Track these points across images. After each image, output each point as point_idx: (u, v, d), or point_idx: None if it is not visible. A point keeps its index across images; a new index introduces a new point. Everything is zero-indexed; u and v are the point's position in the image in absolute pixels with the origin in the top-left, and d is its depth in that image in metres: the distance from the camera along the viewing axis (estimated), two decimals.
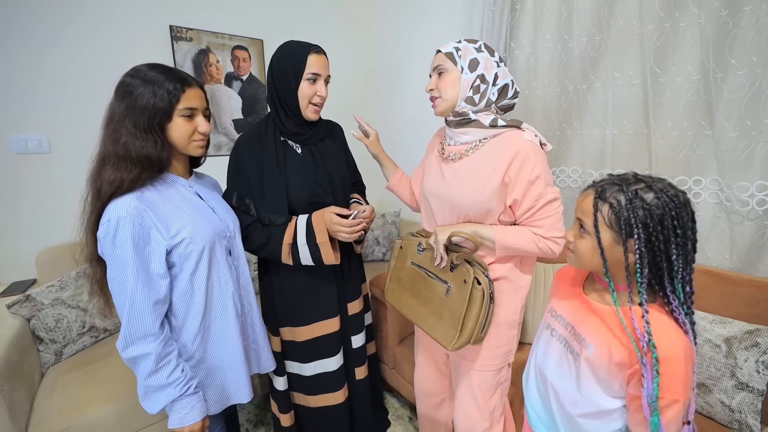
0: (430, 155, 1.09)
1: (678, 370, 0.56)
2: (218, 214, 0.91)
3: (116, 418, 1.18)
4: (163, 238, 0.77)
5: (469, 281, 0.88)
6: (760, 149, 1.11)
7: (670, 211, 0.57)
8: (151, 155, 0.77)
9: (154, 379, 0.76)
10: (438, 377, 1.18)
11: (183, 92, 0.79)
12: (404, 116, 2.34)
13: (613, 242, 0.60)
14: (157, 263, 0.76)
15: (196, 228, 0.81)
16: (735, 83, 1.12)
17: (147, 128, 0.76)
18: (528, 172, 0.85)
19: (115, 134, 0.76)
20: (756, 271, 1.17)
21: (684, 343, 0.57)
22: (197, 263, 0.82)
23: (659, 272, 0.59)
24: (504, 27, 1.62)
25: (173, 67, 0.83)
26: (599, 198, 0.61)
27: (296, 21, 2.12)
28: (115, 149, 0.76)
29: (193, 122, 0.82)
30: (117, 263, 0.73)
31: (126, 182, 0.74)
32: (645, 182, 0.59)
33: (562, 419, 0.71)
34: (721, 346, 1.03)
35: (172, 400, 0.78)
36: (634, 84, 1.34)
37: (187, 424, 0.80)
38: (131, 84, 0.77)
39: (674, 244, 0.57)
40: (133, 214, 0.73)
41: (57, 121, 1.55)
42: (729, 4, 1.08)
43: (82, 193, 0.80)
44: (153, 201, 0.78)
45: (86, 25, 1.55)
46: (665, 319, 0.59)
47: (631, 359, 0.59)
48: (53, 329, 1.33)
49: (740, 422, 1.00)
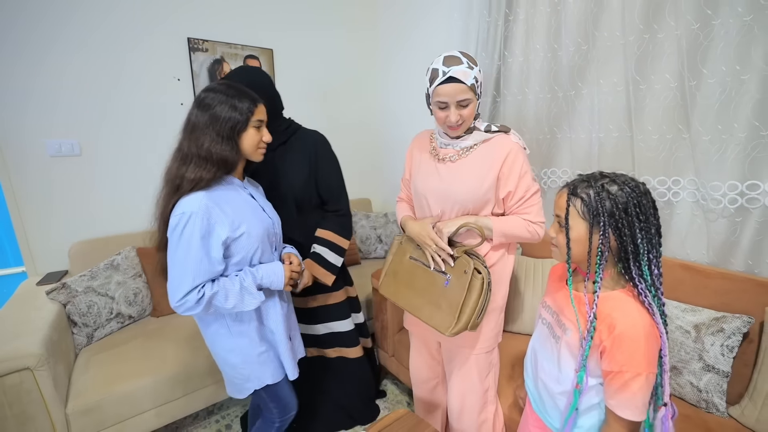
0: (418, 158, 1.15)
1: (638, 347, 0.63)
2: (266, 212, 1.05)
3: (144, 392, 1.32)
4: (225, 231, 0.90)
5: (469, 272, 0.98)
6: (730, 151, 1.20)
7: (632, 200, 0.65)
8: (228, 158, 0.92)
9: (230, 298, 0.91)
10: (431, 364, 1.30)
11: (256, 107, 0.95)
12: (404, 120, 2.46)
13: (587, 232, 0.69)
14: (216, 251, 0.90)
15: (251, 224, 0.96)
16: (707, 91, 1.20)
17: (227, 136, 0.91)
18: (519, 168, 1.00)
19: (199, 140, 0.90)
20: (729, 264, 1.26)
21: (646, 322, 0.64)
22: (253, 252, 0.98)
23: (626, 256, 0.66)
24: (498, 37, 1.73)
25: (243, 87, 0.98)
26: (572, 194, 0.70)
27: (304, 32, 2.26)
28: (198, 152, 0.89)
29: (260, 132, 0.98)
30: (184, 246, 0.87)
31: (204, 180, 0.89)
32: (609, 177, 0.69)
33: (547, 398, 0.80)
34: (691, 332, 1.12)
35: (255, 291, 0.95)
36: (617, 91, 1.43)
37: (282, 275, 1.01)
38: (213, 98, 0.92)
39: (638, 228, 0.65)
40: (203, 209, 0.87)
41: (87, 126, 1.71)
42: (700, 18, 1.18)
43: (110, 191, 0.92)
44: (219, 198, 0.91)
45: (112, 39, 1.70)
46: (630, 302, 0.67)
47: (600, 338, 0.67)
48: (85, 314, 1.47)
49: (707, 401, 1.09)
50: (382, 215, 2.45)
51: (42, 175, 1.64)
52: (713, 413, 1.08)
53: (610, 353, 0.65)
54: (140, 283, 1.68)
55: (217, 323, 1.00)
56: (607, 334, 0.66)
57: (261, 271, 0.98)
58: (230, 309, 0.93)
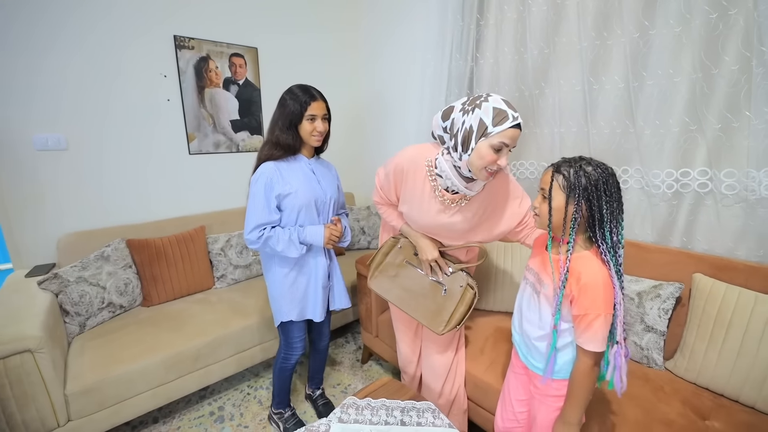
0: (412, 189, 1.11)
1: (598, 292, 0.81)
2: (321, 185, 1.33)
3: (139, 374, 1.38)
4: (280, 187, 1.24)
5: (463, 286, 1.17)
6: (666, 143, 1.38)
7: (602, 178, 0.80)
8: (289, 143, 1.25)
9: (280, 243, 1.24)
10: (415, 341, 1.45)
11: (309, 104, 1.22)
12: (385, 118, 2.59)
13: (565, 202, 0.83)
14: (273, 200, 1.24)
15: (300, 189, 1.26)
16: (647, 91, 1.39)
17: (288, 126, 1.24)
18: (516, 191, 1.14)
19: (272, 129, 1.26)
20: (667, 242, 1.45)
21: (604, 275, 0.81)
22: (299, 211, 1.28)
23: (593, 222, 0.81)
24: (471, 40, 1.88)
25: (309, 86, 1.27)
26: (556, 171, 0.85)
27: (287, 31, 2.34)
28: (271, 138, 1.26)
29: (313, 124, 1.25)
30: (253, 195, 1.24)
31: (273, 156, 1.25)
32: (586, 160, 0.85)
33: (530, 344, 0.97)
34: (635, 299, 1.30)
35: (298, 243, 1.26)
36: (575, 90, 1.61)
37: (322, 236, 1.28)
38: (285, 98, 1.25)
39: (605, 201, 0.80)
40: (268, 173, 1.23)
41: (74, 121, 1.73)
42: (640, 28, 1.36)
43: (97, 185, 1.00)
44: (282, 167, 1.26)
45: (101, 36, 1.74)
46: (594, 260, 0.83)
47: (570, 288, 0.84)
48: (78, 303, 1.51)
49: (648, 357, 1.27)
50: (365, 208, 2.57)
51: (28, 169, 1.66)
52: (653, 367, 1.26)
53: (578, 300, 0.83)
54: (130, 273, 1.72)
55: (272, 263, 1.33)
56: (575, 284, 0.83)
57: (306, 230, 1.28)
58: (279, 252, 1.24)
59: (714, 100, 1.26)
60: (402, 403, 1.11)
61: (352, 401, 1.12)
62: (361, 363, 1.99)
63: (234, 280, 2.04)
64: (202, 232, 1.99)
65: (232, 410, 1.67)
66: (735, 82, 1.21)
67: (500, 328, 1.53)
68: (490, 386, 1.26)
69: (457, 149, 0.97)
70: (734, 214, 1.30)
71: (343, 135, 2.73)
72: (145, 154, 1.94)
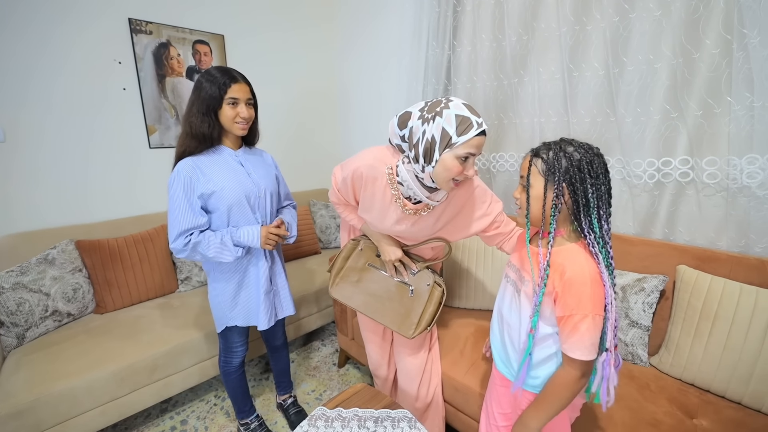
0: (371, 194, 1.03)
1: (585, 290, 0.69)
2: (252, 178, 1.17)
3: (85, 390, 1.23)
4: (202, 186, 1.08)
5: (430, 284, 1.09)
6: (648, 132, 1.34)
7: (585, 158, 0.70)
8: (204, 132, 1.07)
9: (211, 248, 1.09)
10: (383, 346, 1.36)
11: (229, 86, 1.06)
12: (360, 112, 2.49)
13: (544, 188, 0.73)
14: (196, 202, 1.08)
15: (226, 185, 1.10)
16: (628, 78, 1.34)
17: (205, 112, 1.06)
18: (484, 196, 1.06)
19: (187, 116, 1.08)
20: (650, 234, 1.41)
21: (592, 269, 0.70)
22: (228, 209, 1.12)
23: (578, 209, 0.71)
24: (448, 27, 1.80)
25: (229, 68, 1.09)
26: (535, 156, 0.76)
27: (257, 17, 2.21)
28: (184, 127, 1.09)
29: (236, 109, 1.08)
30: (171, 198, 1.07)
31: (189, 149, 1.09)
32: (566, 141, 0.75)
33: (512, 352, 0.85)
34: (619, 293, 1.25)
35: (232, 246, 1.11)
36: (555, 78, 1.55)
37: (258, 237, 1.13)
38: (201, 80, 1.07)
39: (590, 184, 0.70)
40: (185, 172, 1.06)
41: (12, 110, 1.55)
42: (620, 11, 1.31)
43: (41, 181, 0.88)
44: (201, 164, 1.09)
45: (46, 18, 1.57)
46: (581, 252, 0.73)
47: (553, 285, 0.73)
48: (15, 312, 1.35)
49: (633, 354, 1.22)
50: None
51: None
52: (638, 364, 1.21)
53: (562, 298, 0.71)
54: (80, 278, 1.56)
55: (210, 273, 1.21)
56: (558, 280, 0.72)
57: (241, 231, 1.13)
58: (212, 257, 1.10)
59: (695, 85, 1.22)
60: (376, 413, 1.01)
61: (321, 412, 1.02)
62: (338, 367, 1.89)
63: (200, 283, 1.90)
64: (164, 232, 1.84)
65: (196, 423, 1.54)
66: (716, 67, 1.17)
67: (480, 327, 1.45)
68: (470, 390, 1.18)
69: (419, 161, 0.88)
70: (715, 203, 1.26)
71: (317, 129, 2.62)
72: (99, 147, 1.77)
